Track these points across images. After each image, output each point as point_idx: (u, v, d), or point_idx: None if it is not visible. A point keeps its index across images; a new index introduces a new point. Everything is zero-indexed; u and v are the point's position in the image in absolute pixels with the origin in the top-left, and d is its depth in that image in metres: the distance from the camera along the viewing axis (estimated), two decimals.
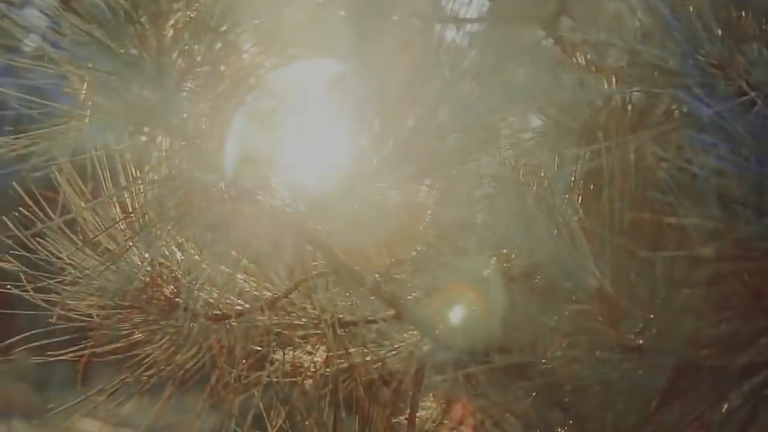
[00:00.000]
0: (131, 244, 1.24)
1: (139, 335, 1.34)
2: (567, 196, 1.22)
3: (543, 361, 1.19)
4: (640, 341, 1.08)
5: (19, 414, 6.81)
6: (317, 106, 1.25)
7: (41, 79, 1.18)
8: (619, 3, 1.52)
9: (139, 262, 1.28)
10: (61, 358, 1.41)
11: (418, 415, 1.38)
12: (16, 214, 1.28)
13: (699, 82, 1.16)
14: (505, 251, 1.30)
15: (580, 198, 1.25)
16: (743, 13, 1.22)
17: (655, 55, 1.18)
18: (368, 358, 1.36)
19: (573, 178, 1.27)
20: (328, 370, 1.37)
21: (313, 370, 1.38)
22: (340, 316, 1.34)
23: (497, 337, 1.25)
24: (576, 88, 1.45)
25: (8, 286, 1.33)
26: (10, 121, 1.16)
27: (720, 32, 1.18)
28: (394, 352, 1.34)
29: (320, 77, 1.29)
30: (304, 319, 1.34)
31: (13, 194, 1.28)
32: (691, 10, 1.22)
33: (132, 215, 1.25)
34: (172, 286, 1.31)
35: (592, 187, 1.25)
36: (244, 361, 1.32)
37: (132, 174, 1.25)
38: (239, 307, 1.32)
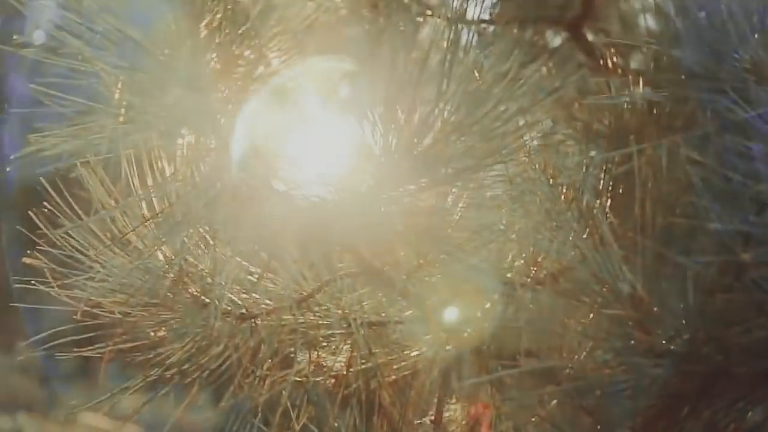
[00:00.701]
0: (159, 242, 1.24)
1: (164, 333, 1.34)
2: (597, 199, 1.22)
3: (571, 365, 1.19)
4: (672, 347, 1.08)
5: (24, 408, 6.81)
6: (347, 107, 1.25)
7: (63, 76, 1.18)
8: (649, 5, 1.52)
9: (166, 261, 1.28)
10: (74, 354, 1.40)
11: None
12: (44, 210, 1.28)
13: (732, 87, 1.16)
14: (533, 254, 1.30)
15: (610, 201, 1.24)
16: None
17: (688, 58, 1.18)
18: (393, 359, 1.35)
19: (602, 181, 1.27)
20: (352, 369, 1.37)
21: (338, 370, 1.37)
22: (366, 316, 1.34)
23: (525, 340, 1.25)
24: (603, 90, 1.45)
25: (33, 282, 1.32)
26: (41, 118, 1.16)
27: (754, 36, 1.18)
28: (419, 354, 1.34)
29: (349, 78, 1.28)
30: (329, 319, 1.34)
31: (40, 190, 1.27)
32: (724, 11, 1.22)
33: (160, 214, 1.25)
34: (198, 285, 1.31)
35: (621, 190, 1.25)
36: (269, 360, 1.32)
37: (162, 173, 1.24)
38: (265, 307, 1.32)
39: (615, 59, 1.57)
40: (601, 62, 1.57)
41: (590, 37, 1.74)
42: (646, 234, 1.12)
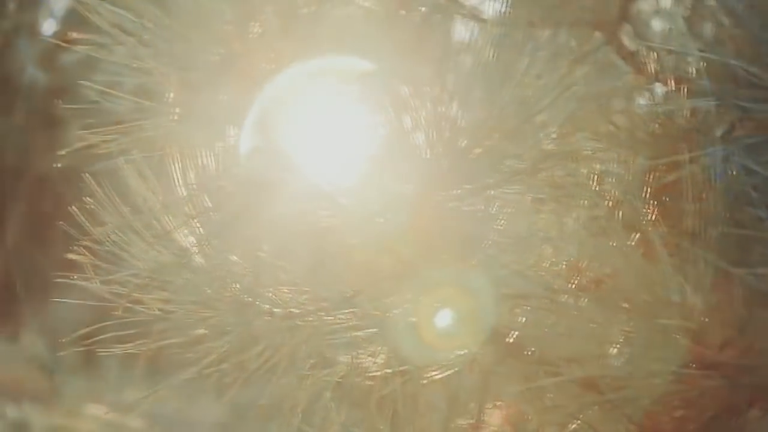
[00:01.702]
0: (204, 240, 1.24)
1: (204, 331, 1.33)
2: (645, 205, 1.21)
3: (616, 374, 1.18)
4: (724, 358, 1.07)
5: (29, 397, 6.83)
6: (394, 109, 1.24)
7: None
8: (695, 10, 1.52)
9: (210, 259, 1.28)
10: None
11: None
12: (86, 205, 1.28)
13: None
14: (576, 260, 1.29)
15: (657, 209, 1.24)
16: None
17: (746, 69, 1.17)
18: (432, 362, 1.35)
19: (648, 188, 1.27)
20: (389, 371, 1.37)
21: (375, 371, 1.37)
22: (406, 318, 1.34)
23: (567, 347, 1.25)
24: (647, 97, 1.45)
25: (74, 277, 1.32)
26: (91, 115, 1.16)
27: None
28: (459, 357, 1.34)
29: (395, 79, 1.28)
30: (369, 321, 1.33)
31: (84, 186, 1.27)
32: None
33: (204, 213, 1.24)
34: (240, 284, 1.30)
35: (668, 198, 1.25)
36: (309, 360, 1.32)
37: (206, 171, 1.24)
38: (307, 307, 1.32)
39: (655, 65, 1.56)
40: (642, 68, 1.57)
41: (627, 41, 1.73)
42: (697, 243, 1.11)
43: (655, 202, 1.25)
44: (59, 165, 1.17)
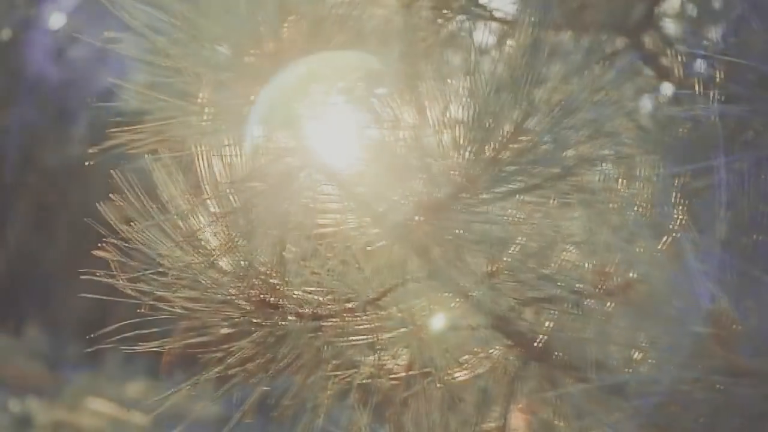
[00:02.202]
0: (233, 242, 1.24)
1: (228, 330, 1.33)
2: (674, 211, 1.21)
3: (644, 380, 1.18)
4: (754, 365, 1.07)
5: (33, 391, 6.86)
6: (426, 113, 1.24)
7: None
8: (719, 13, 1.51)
9: (237, 260, 1.28)
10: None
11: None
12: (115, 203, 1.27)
13: None
14: (604, 264, 1.29)
15: (688, 214, 1.23)
16: None
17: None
18: (456, 363, 1.35)
19: (677, 193, 1.26)
20: (413, 372, 1.36)
21: (399, 373, 1.37)
22: (431, 320, 1.34)
23: (595, 353, 1.24)
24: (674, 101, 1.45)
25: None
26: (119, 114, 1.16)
27: None
28: (485, 359, 1.34)
29: (425, 82, 1.28)
30: (394, 322, 1.33)
31: (112, 183, 1.27)
32: None
33: (233, 213, 1.24)
34: (266, 285, 1.30)
35: (699, 203, 1.24)
36: (333, 361, 1.32)
37: (235, 172, 1.24)
38: (332, 308, 1.32)
39: (680, 69, 1.56)
40: (668, 72, 1.57)
41: (652, 45, 1.73)
42: (728, 249, 1.11)
43: (686, 207, 1.24)
44: (90, 163, 1.16)
